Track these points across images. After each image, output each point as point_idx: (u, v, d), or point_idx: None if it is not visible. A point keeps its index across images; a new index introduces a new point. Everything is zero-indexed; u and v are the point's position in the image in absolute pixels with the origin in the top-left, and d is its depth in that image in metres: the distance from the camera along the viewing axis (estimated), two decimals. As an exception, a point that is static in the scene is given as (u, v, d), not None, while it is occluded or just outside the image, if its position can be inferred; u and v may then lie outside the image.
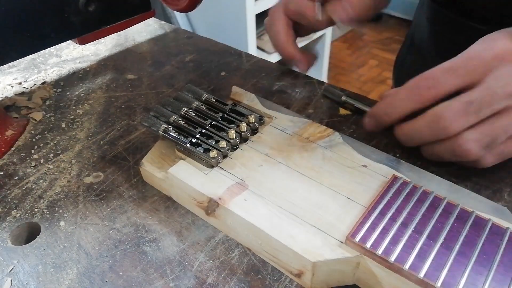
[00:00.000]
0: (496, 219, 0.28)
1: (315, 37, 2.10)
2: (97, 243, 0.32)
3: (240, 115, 0.37)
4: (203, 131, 0.35)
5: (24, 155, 0.41)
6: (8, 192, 0.37)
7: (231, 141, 0.34)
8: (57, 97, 0.49)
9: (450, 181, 0.32)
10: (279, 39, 0.45)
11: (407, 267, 0.25)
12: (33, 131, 0.44)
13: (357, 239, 0.27)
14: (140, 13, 0.48)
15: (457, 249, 0.26)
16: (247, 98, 0.41)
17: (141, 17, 0.49)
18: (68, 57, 0.57)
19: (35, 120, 0.45)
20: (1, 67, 0.52)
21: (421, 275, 0.25)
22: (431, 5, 0.56)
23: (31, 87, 0.51)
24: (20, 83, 0.52)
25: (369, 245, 0.26)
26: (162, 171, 0.35)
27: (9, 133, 0.43)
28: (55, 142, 0.42)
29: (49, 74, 0.53)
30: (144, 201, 0.35)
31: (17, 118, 0.45)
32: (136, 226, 0.33)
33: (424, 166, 0.36)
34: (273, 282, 0.29)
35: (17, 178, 0.38)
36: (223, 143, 0.34)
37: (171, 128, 0.36)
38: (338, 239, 0.28)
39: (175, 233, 0.33)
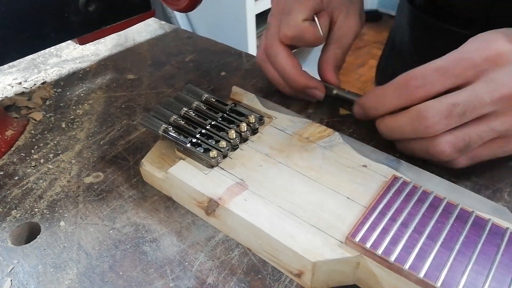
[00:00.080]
0: (496, 219, 0.28)
1: (315, 37, 2.10)
2: (97, 243, 0.32)
3: (240, 115, 0.37)
4: (203, 131, 0.35)
5: (24, 155, 0.41)
6: (8, 192, 0.37)
7: (231, 141, 0.34)
8: (57, 97, 0.49)
9: (450, 181, 0.32)
10: (289, 72, 0.41)
11: (407, 267, 0.25)
12: (33, 131, 0.44)
13: (357, 239, 0.27)
14: (140, 13, 0.48)
15: (457, 249, 0.26)
16: (247, 98, 0.41)
17: (141, 17, 0.49)
18: (68, 57, 0.57)
19: (35, 120, 0.45)
20: (1, 67, 0.52)
21: (421, 275, 0.25)
22: (411, 9, 0.56)
23: (31, 87, 0.51)
24: (20, 83, 0.52)
25: (369, 245, 0.26)
26: (162, 171, 0.35)
27: (9, 133, 0.43)
28: (55, 142, 0.42)
29: (49, 74, 0.53)
30: (144, 201, 0.35)
31: (17, 118, 0.45)
32: (136, 226, 0.33)
33: (424, 166, 0.36)
34: (273, 282, 0.29)
35: (17, 178, 0.38)
36: (223, 143, 0.34)
37: (171, 128, 0.36)
38: (338, 239, 0.28)
39: (175, 233, 0.33)
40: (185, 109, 0.37)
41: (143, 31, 0.62)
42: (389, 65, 0.65)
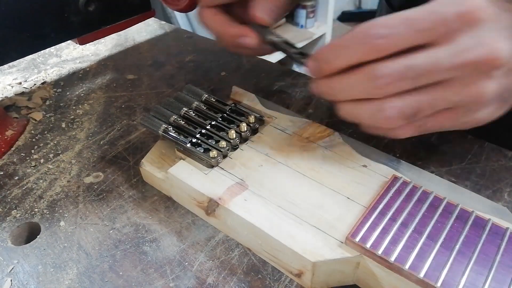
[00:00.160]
0: (496, 219, 0.28)
1: (315, 37, 2.10)
2: (97, 243, 0.32)
3: (240, 115, 0.37)
4: (203, 131, 0.35)
5: (24, 155, 0.41)
6: (8, 192, 0.37)
7: (231, 141, 0.34)
8: (57, 97, 0.49)
9: (450, 181, 0.32)
10: (217, 29, 0.38)
11: (407, 267, 0.25)
12: (33, 131, 0.44)
13: (357, 239, 0.27)
14: (140, 13, 0.48)
15: (457, 249, 0.26)
16: (247, 98, 0.41)
17: (141, 17, 0.49)
18: (68, 57, 0.57)
19: (35, 120, 0.45)
20: (1, 67, 0.52)
21: (421, 275, 0.25)
22: (389, 10, 0.55)
23: (31, 87, 0.51)
24: (20, 83, 0.52)
25: (369, 245, 0.26)
26: (162, 171, 0.35)
27: (9, 133, 0.43)
28: (55, 142, 0.42)
29: (49, 74, 0.53)
30: (144, 201, 0.35)
31: (17, 118, 0.45)
32: (136, 226, 0.33)
33: (424, 166, 0.36)
34: (273, 282, 0.29)
35: (17, 178, 0.38)
36: (223, 143, 0.34)
37: (171, 128, 0.36)
38: (338, 239, 0.28)
39: (175, 233, 0.33)
40: (185, 109, 0.37)
41: (143, 31, 0.62)
42: None
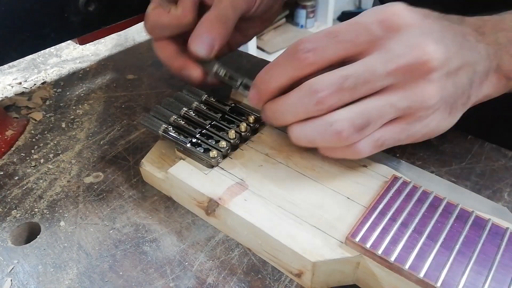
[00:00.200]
0: (496, 219, 0.28)
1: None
2: (97, 243, 0.32)
3: (240, 115, 0.37)
4: (203, 131, 0.35)
5: (24, 155, 0.41)
6: (8, 192, 0.37)
7: (231, 141, 0.34)
8: (57, 97, 0.49)
9: (450, 181, 0.33)
10: (163, 60, 0.40)
11: (407, 267, 0.25)
12: (33, 131, 0.44)
13: (357, 239, 0.27)
14: (140, 13, 0.48)
15: (457, 249, 0.26)
16: (246, 100, 0.41)
17: (141, 17, 0.49)
18: (68, 57, 0.57)
19: (35, 120, 0.45)
20: (1, 67, 0.52)
21: (421, 275, 0.25)
22: None
23: (31, 87, 0.51)
24: (20, 83, 0.52)
25: (369, 245, 0.26)
26: (162, 171, 0.35)
27: (9, 133, 0.43)
28: (55, 142, 0.42)
29: (49, 74, 0.53)
30: (144, 201, 0.35)
31: (17, 118, 0.45)
32: (136, 226, 0.33)
33: (424, 166, 0.36)
34: (273, 282, 0.29)
35: (17, 178, 0.38)
36: (223, 143, 0.34)
37: (171, 128, 0.36)
38: (338, 239, 0.28)
39: (175, 233, 0.33)
40: (185, 109, 0.37)
41: (143, 31, 0.61)
42: None
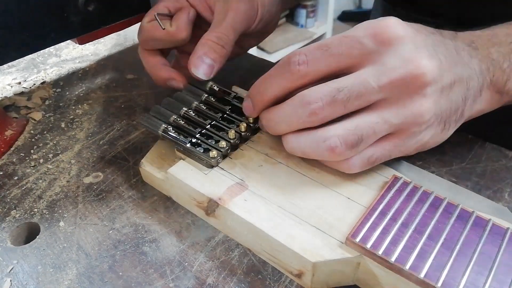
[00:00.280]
0: (496, 219, 0.28)
1: (315, 36, 2.10)
2: (97, 243, 0.32)
3: (240, 115, 0.37)
4: (203, 131, 0.35)
5: (23, 155, 0.41)
6: (7, 192, 0.37)
7: (231, 141, 0.34)
8: (57, 97, 0.49)
9: (450, 181, 0.32)
10: (149, 71, 0.42)
11: (408, 267, 0.25)
12: (32, 131, 0.44)
13: (358, 240, 0.27)
14: (139, 13, 0.48)
15: (458, 249, 0.26)
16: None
17: (140, 17, 0.49)
18: (67, 57, 0.57)
19: (35, 120, 0.45)
20: (0, 67, 0.52)
21: (422, 275, 0.25)
22: (385, 5, 0.56)
23: (30, 87, 0.51)
24: (19, 83, 0.51)
25: (369, 246, 0.26)
26: (161, 171, 0.35)
27: (9, 133, 0.43)
28: (55, 142, 0.42)
29: (48, 74, 0.53)
30: (143, 201, 0.35)
31: (16, 118, 0.45)
32: (135, 226, 0.33)
33: (424, 166, 0.36)
34: (273, 282, 0.29)
35: (16, 178, 0.38)
36: (223, 143, 0.34)
37: (171, 128, 0.35)
38: (338, 240, 0.28)
39: (174, 233, 0.33)
40: (185, 109, 0.37)
41: (143, 31, 0.62)
42: None
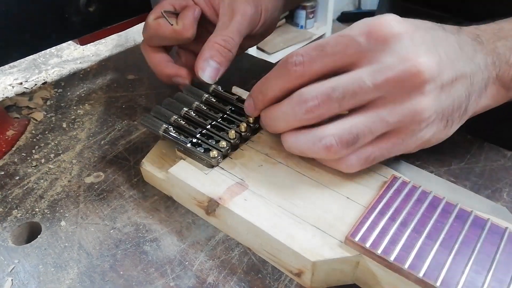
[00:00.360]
0: (495, 219, 0.28)
1: (314, 37, 2.10)
2: (98, 242, 0.32)
3: (240, 115, 0.37)
4: (204, 131, 0.36)
5: (25, 155, 0.41)
6: (9, 192, 0.37)
7: (231, 141, 0.35)
8: (58, 97, 0.49)
9: (449, 181, 0.33)
10: (153, 68, 0.43)
11: (407, 266, 0.25)
12: (34, 131, 0.44)
13: (357, 239, 0.27)
14: (140, 14, 0.48)
15: (457, 248, 0.26)
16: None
17: (141, 18, 0.49)
18: (68, 57, 0.57)
19: (36, 120, 0.45)
20: (2, 67, 0.53)
21: (421, 275, 0.25)
22: (391, 7, 0.57)
23: (32, 87, 0.51)
24: (21, 83, 0.52)
25: (368, 245, 0.26)
26: (162, 171, 0.35)
27: (10, 133, 0.43)
28: (56, 142, 0.42)
29: (50, 74, 0.53)
30: (144, 201, 0.36)
31: (18, 118, 0.46)
32: (136, 225, 0.33)
33: (423, 166, 0.37)
34: (273, 281, 0.29)
35: (18, 178, 0.38)
36: (223, 143, 0.34)
37: (172, 128, 0.36)
38: (337, 239, 0.28)
39: (175, 232, 0.33)
40: (186, 109, 0.37)
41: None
42: None
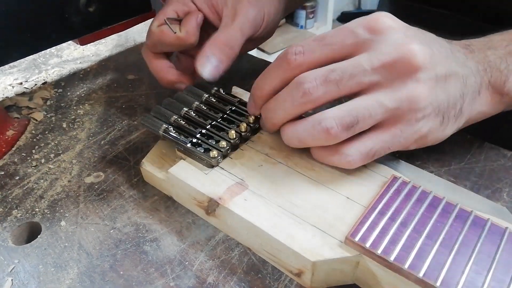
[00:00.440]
0: (495, 219, 0.28)
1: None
2: (98, 242, 0.32)
3: (240, 115, 0.37)
4: (204, 131, 0.36)
5: (25, 155, 0.41)
6: (9, 192, 0.37)
7: (231, 141, 0.35)
8: (58, 97, 0.49)
9: (449, 181, 0.33)
10: (156, 74, 0.43)
11: (407, 266, 0.25)
12: (34, 131, 0.44)
13: (357, 239, 0.27)
14: (140, 14, 0.48)
15: (457, 248, 0.26)
16: (247, 98, 0.41)
17: (141, 18, 0.49)
18: (69, 57, 0.57)
19: (36, 120, 0.45)
20: (2, 67, 0.53)
21: (421, 275, 0.25)
22: (392, 6, 0.57)
23: (32, 87, 0.51)
24: (21, 83, 0.52)
25: (368, 245, 0.26)
26: (162, 171, 0.35)
27: (10, 133, 0.43)
28: (56, 142, 0.42)
29: (50, 74, 0.53)
30: (144, 201, 0.36)
31: (18, 118, 0.46)
32: (136, 225, 0.33)
33: (423, 166, 0.37)
34: (273, 281, 0.29)
35: (18, 178, 0.38)
36: (223, 143, 0.34)
37: (172, 128, 0.36)
38: (337, 239, 0.28)
39: (175, 232, 0.33)
40: (186, 109, 0.37)
41: (144, 31, 0.62)
42: None
